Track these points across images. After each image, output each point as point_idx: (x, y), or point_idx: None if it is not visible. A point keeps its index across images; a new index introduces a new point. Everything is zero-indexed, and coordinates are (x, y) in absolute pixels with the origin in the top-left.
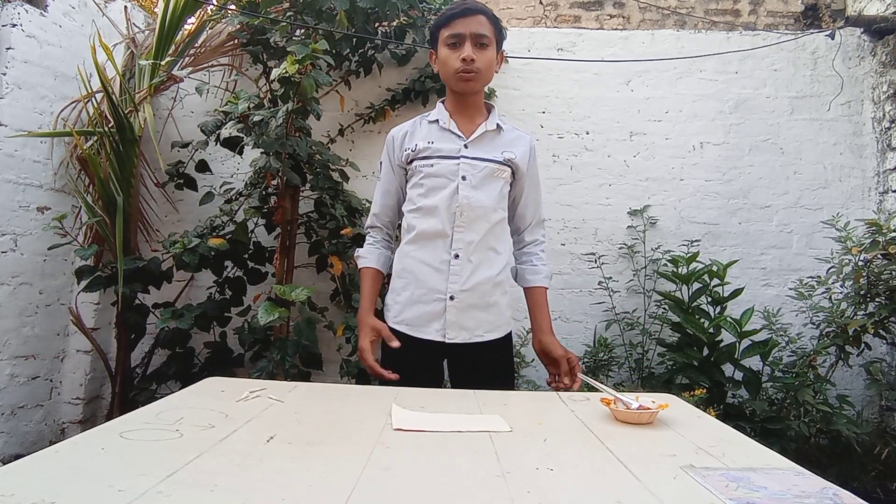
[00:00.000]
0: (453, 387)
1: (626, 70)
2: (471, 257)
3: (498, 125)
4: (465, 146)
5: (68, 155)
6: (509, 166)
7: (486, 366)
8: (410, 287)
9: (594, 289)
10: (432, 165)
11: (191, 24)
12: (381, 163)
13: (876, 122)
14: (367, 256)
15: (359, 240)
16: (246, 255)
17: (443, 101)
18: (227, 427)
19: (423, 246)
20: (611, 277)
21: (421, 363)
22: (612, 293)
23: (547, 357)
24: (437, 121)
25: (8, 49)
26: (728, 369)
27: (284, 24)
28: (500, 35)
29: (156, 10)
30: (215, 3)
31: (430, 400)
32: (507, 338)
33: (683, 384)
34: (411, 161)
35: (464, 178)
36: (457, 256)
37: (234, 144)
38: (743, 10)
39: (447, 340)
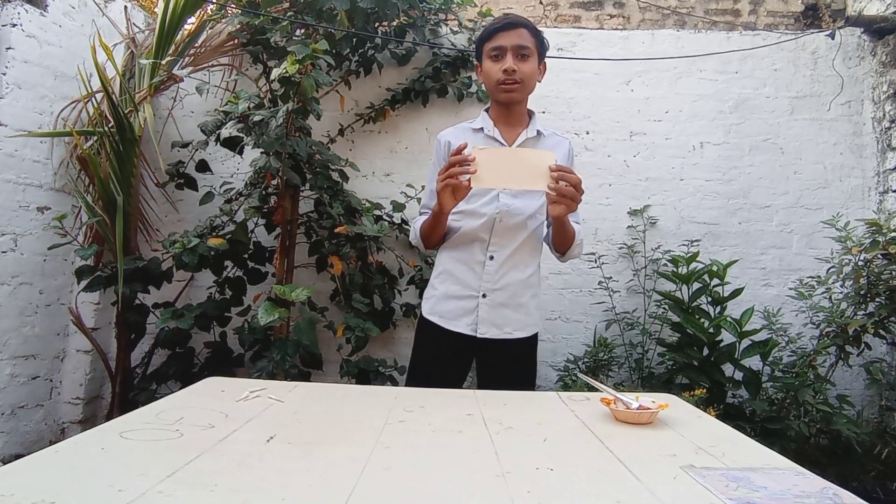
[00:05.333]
0: (479, 380)
1: (626, 70)
2: (505, 260)
3: (538, 132)
4: None
5: (68, 155)
6: None
7: (512, 362)
8: (447, 283)
9: (594, 289)
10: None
11: (191, 23)
12: (431, 164)
13: (876, 122)
14: (418, 219)
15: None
16: (246, 255)
17: (487, 110)
18: (227, 427)
19: (462, 247)
20: (611, 277)
21: (451, 354)
22: (612, 293)
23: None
24: (481, 129)
25: (8, 49)
26: (728, 369)
27: (285, 24)
28: (541, 47)
29: (156, 9)
30: (215, 3)
31: (430, 400)
32: (534, 338)
33: (683, 384)
34: None
35: None
36: (492, 258)
37: (234, 144)
38: (743, 10)
39: (478, 335)
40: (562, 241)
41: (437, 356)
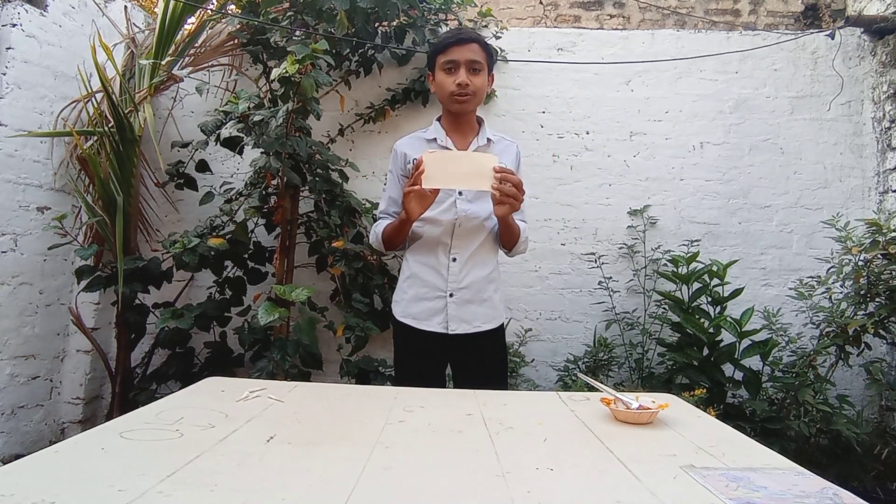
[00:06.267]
0: (454, 372)
1: (626, 70)
2: (467, 260)
3: (488, 139)
4: None
5: (68, 155)
6: None
7: (483, 353)
8: (415, 286)
9: (594, 289)
10: None
11: (191, 23)
12: (386, 175)
13: (876, 122)
14: (380, 223)
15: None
16: (246, 255)
17: (439, 119)
18: (227, 427)
19: (426, 252)
20: (611, 277)
21: (426, 353)
22: (612, 293)
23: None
24: (434, 139)
25: (8, 49)
26: (728, 369)
27: (285, 25)
28: (491, 60)
29: (156, 10)
30: (215, 3)
31: (430, 400)
32: (501, 328)
33: (683, 384)
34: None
35: (460, 193)
36: (455, 260)
37: (234, 144)
38: (743, 10)
39: (449, 332)
40: (508, 238)
41: (415, 356)
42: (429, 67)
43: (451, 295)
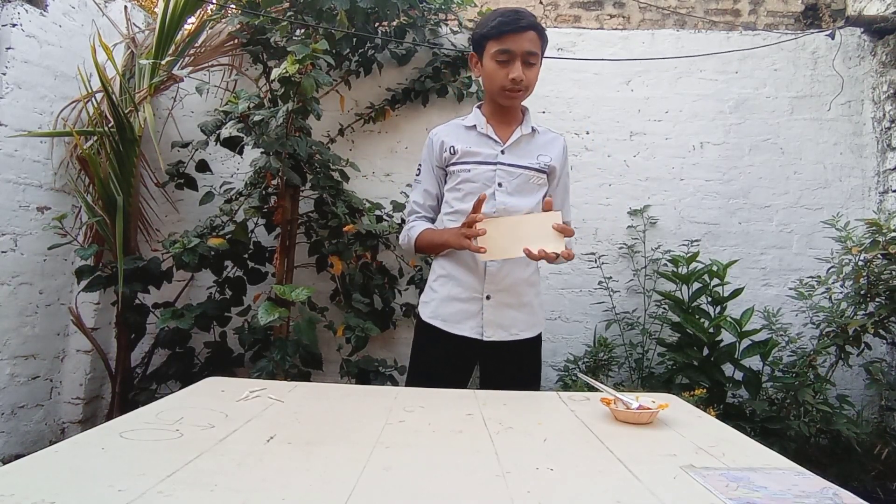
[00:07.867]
0: (482, 381)
1: (626, 70)
2: (507, 259)
3: (533, 128)
4: (503, 152)
5: (68, 155)
6: (545, 172)
7: (518, 364)
8: (448, 286)
9: (594, 289)
10: (469, 170)
11: (191, 23)
12: (419, 165)
13: (876, 122)
14: (415, 225)
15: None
16: (246, 255)
17: (479, 107)
18: (227, 427)
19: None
20: (611, 277)
21: (453, 358)
22: (612, 293)
23: None
24: (474, 126)
25: (8, 49)
26: (728, 369)
27: (285, 24)
28: (544, 47)
29: (156, 9)
30: (215, 3)
31: (430, 400)
32: (539, 337)
33: (683, 384)
34: (449, 164)
35: (500, 184)
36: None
37: (234, 144)
38: (743, 10)
39: (484, 338)
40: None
41: (440, 361)
42: (475, 50)
43: (487, 297)
